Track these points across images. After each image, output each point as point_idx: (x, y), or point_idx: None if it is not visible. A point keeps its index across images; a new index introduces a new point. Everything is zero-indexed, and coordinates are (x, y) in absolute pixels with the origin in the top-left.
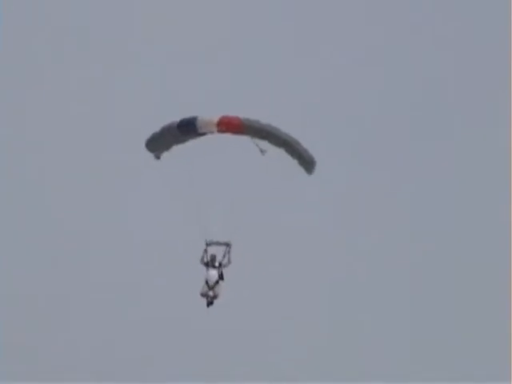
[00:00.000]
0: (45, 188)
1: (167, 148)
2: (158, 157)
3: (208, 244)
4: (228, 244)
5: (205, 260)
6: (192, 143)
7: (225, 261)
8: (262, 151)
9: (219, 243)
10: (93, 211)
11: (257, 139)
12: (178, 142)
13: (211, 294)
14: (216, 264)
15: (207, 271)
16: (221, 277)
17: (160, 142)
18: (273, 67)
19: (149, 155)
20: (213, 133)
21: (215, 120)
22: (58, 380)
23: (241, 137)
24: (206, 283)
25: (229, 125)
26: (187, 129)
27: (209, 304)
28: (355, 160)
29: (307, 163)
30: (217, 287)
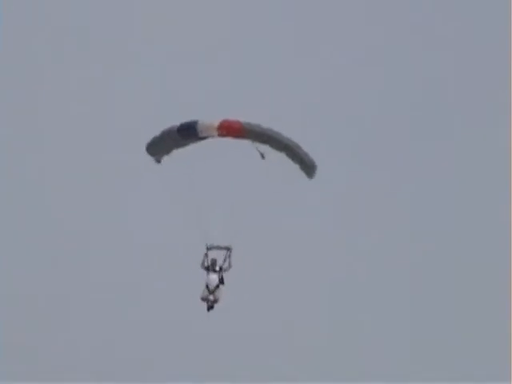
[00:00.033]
0: (45, 188)
1: (168, 152)
2: (159, 161)
3: (208, 248)
4: (229, 248)
5: (205, 264)
6: (193, 147)
7: (225, 265)
8: (262, 155)
9: (220, 247)
10: (93, 214)
11: (258, 143)
12: (179, 146)
13: (212, 298)
14: (216, 268)
15: (208, 275)
16: (221, 281)
17: (160, 146)
18: (273, 67)
19: (149, 158)
20: (213, 137)
21: (216, 124)
22: (58, 380)
23: (241, 141)
24: (207, 287)
25: (229, 129)
26: (188, 133)
27: (209, 308)
28: (355, 161)
29: (308, 167)
30: (217, 291)
